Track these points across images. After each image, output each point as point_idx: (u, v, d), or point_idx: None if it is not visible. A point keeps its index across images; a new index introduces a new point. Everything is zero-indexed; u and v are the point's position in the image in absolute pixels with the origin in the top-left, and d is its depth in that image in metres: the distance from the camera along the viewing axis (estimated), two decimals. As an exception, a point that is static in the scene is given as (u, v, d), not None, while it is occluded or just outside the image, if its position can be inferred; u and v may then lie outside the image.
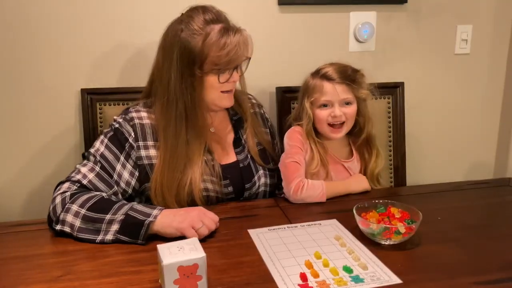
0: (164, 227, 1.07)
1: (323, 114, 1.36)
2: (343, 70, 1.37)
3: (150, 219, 1.07)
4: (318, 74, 1.38)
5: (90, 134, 1.55)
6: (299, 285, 0.89)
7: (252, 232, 1.12)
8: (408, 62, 1.85)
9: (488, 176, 2.05)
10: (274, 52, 1.70)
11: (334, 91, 1.34)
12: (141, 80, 1.61)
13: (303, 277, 0.91)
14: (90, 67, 1.58)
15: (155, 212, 1.09)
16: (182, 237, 1.03)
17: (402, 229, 1.02)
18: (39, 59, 1.53)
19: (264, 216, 1.23)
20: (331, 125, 1.37)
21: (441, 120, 1.94)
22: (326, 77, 1.36)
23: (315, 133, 1.41)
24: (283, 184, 1.34)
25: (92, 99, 1.55)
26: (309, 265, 0.96)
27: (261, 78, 1.63)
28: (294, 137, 1.39)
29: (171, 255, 0.83)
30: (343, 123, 1.37)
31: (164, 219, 1.08)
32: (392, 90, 1.77)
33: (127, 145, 1.24)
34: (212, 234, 1.10)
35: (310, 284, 0.89)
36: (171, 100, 1.22)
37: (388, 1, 1.76)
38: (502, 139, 2.03)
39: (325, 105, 1.36)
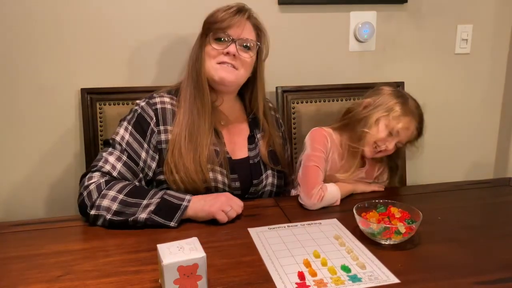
0: (197, 212, 1.16)
1: (381, 137, 1.33)
2: (419, 131, 1.38)
3: (185, 203, 1.15)
4: (406, 108, 1.34)
5: (90, 134, 1.55)
6: (296, 283, 0.89)
7: (252, 231, 1.12)
8: (408, 62, 1.85)
9: (488, 176, 2.05)
10: (274, 52, 1.69)
11: (404, 136, 1.35)
12: (141, 79, 1.62)
13: (301, 275, 0.91)
14: (90, 67, 1.58)
15: (187, 197, 1.17)
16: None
17: (402, 229, 1.02)
18: (39, 59, 1.53)
19: (265, 216, 1.23)
20: (374, 149, 1.35)
21: (441, 119, 1.94)
22: (415, 124, 1.35)
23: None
24: (301, 188, 1.30)
25: (92, 98, 1.55)
26: (307, 264, 0.96)
27: (261, 77, 1.63)
28: (320, 140, 1.37)
29: (171, 255, 0.83)
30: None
31: (195, 204, 1.16)
32: (392, 90, 1.77)
33: (149, 130, 1.27)
34: (212, 234, 1.11)
35: (307, 283, 0.89)
36: (190, 67, 1.32)
37: (388, 1, 1.76)
38: (502, 138, 2.03)
39: (391, 134, 1.33)
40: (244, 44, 1.29)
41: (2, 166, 1.58)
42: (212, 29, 1.28)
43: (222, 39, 1.28)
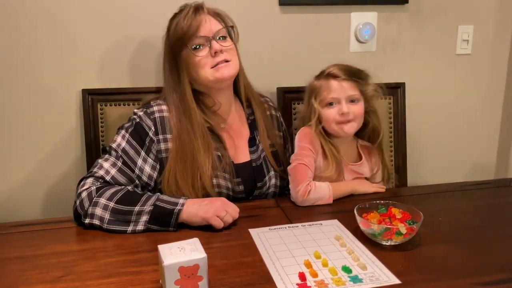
0: (191, 217, 1.12)
1: (330, 112, 1.35)
2: (347, 69, 1.38)
3: (178, 207, 1.12)
4: (323, 74, 1.39)
5: (91, 135, 1.55)
6: (297, 284, 0.89)
7: (253, 232, 1.12)
8: (409, 62, 1.85)
9: (489, 176, 2.05)
10: (275, 53, 1.70)
11: (340, 87, 1.34)
12: (142, 80, 1.62)
13: (302, 276, 0.91)
14: (91, 67, 1.58)
15: (181, 201, 1.14)
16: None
17: (403, 230, 1.02)
18: (40, 60, 1.53)
19: (266, 217, 1.23)
20: (339, 123, 1.35)
21: (442, 120, 1.94)
22: (332, 76, 1.36)
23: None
24: (290, 186, 1.32)
25: (93, 99, 1.55)
26: (308, 265, 0.96)
27: (262, 78, 1.62)
28: (304, 138, 1.38)
29: (172, 255, 0.83)
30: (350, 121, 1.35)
31: (189, 208, 1.13)
32: (393, 91, 1.77)
33: (147, 139, 1.26)
34: (213, 235, 1.11)
35: (308, 284, 0.89)
36: (168, 93, 1.30)
37: (389, 2, 1.76)
38: (503, 139, 2.03)
39: (331, 103, 1.35)
40: (219, 36, 1.28)
41: (3, 167, 1.58)
42: (185, 41, 1.26)
43: (200, 45, 1.26)
